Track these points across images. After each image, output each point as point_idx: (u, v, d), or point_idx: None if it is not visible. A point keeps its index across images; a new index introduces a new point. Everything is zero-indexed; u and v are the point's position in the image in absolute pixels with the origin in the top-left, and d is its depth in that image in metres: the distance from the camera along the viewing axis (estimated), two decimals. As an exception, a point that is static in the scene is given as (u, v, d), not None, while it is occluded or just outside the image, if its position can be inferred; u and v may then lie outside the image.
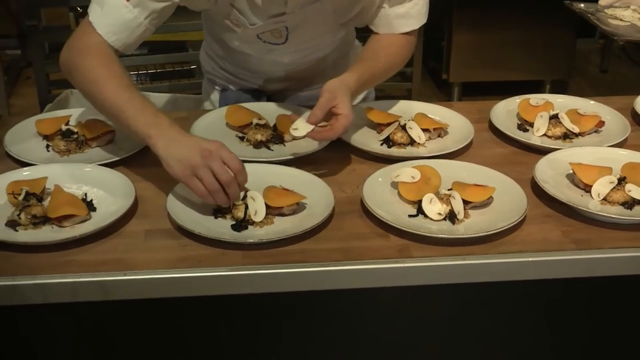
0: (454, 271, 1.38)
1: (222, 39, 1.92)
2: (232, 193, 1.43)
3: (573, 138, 1.79)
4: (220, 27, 1.85)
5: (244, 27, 1.77)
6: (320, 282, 1.36)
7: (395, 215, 1.47)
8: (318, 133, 1.62)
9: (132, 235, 1.43)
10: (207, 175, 1.41)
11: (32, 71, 3.99)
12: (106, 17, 1.61)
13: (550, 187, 1.54)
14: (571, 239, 1.44)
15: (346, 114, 1.59)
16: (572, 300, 1.50)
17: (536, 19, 4.17)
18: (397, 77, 4.19)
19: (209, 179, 1.41)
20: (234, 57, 1.97)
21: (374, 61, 1.78)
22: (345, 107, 1.60)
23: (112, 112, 1.56)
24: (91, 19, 1.62)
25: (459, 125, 1.82)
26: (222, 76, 2.07)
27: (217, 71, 2.08)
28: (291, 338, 1.48)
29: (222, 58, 2.02)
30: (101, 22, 1.61)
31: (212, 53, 2.07)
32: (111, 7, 1.60)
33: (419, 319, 1.49)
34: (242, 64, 1.97)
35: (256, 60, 1.92)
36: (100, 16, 1.62)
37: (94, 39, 1.62)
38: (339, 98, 1.60)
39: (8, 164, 1.66)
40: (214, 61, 2.07)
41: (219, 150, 1.43)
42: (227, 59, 2.01)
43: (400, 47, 1.83)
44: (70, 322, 1.41)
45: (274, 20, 1.75)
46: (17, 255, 1.36)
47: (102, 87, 1.55)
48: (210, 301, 1.38)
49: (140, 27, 1.64)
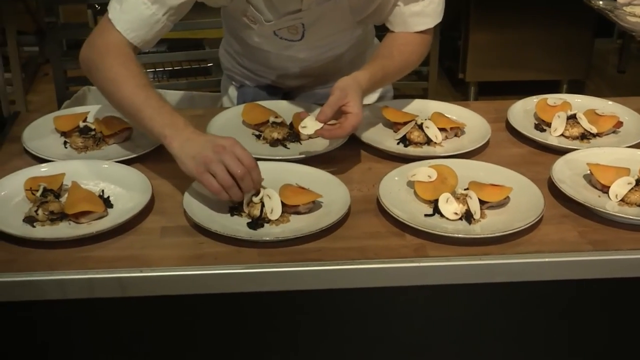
0: (470, 271, 1.38)
1: (240, 36, 1.93)
2: (246, 186, 1.44)
3: (591, 138, 1.78)
4: (238, 24, 1.86)
5: (260, 24, 1.77)
6: (336, 280, 1.36)
7: (412, 215, 1.47)
8: (327, 131, 1.62)
9: (149, 232, 1.44)
10: (221, 170, 1.41)
11: (50, 68, 4.01)
12: (125, 13, 1.63)
13: (567, 187, 1.54)
14: (588, 239, 1.43)
15: (356, 112, 1.59)
16: (588, 301, 1.50)
17: (554, 19, 4.16)
18: (413, 76, 4.19)
19: (222, 174, 1.41)
20: (251, 54, 1.98)
21: (388, 59, 1.78)
22: (355, 106, 1.59)
23: (129, 111, 1.57)
24: (110, 16, 1.64)
25: (476, 125, 1.82)
26: (240, 72, 2.08)
27: (236, 67, 2.08)
28: (306, 337, 1.49)
29: (240, 54, 2.03)
30: (120, 19, 1.63)
31: (230, 49, 2.08)
32: (130, 4, 1.62)
33: (435, 318, 1.48)
34: (259, 60, 1.98)
35: (273, 56, 1.92)
36: (119, 13, 1.63)
37: (113, 37, 1.63)
38: (350, 96, 1.59)
39: (26, 160, 1.66)
40: (233, 58, 2.08)
41: (232, 146, 1.44)
42: (245, 56, 2.02)
43: (415, 45, 1.83)
44: (85, 319, 1.42)
45: (290, 17, 1.75)
46: (35, 251, 1.37)
47: (120, 86, 1.56)
48: (225, 299, 1.39)
49: (159, 23, 1.65)
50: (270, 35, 1.82)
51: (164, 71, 3.81)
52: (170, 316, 1.43)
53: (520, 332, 1.52)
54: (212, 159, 1.42)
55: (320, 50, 1.90)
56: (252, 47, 1.93)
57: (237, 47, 2.02)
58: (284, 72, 1.99)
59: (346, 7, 1.77)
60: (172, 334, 1.45)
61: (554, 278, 1.41)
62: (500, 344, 1.54)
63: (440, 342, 1.52)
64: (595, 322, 1.53)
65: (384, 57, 1.78)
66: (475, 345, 1.53)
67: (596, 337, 1.56)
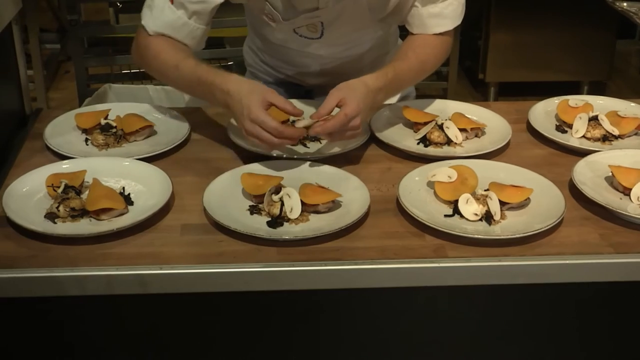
0: (490, 272, 1.38)
1: (262, 33, 1.94)
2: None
3: (612, 140, 1.77)
4: (259, 21, 1.87)
5: (279, 22, 1.78)
6: (355, 280, 1.36)
7: (431, 215, 1.47)
8: (319, 126, 1.57)
9: (169, 229, 1.44)
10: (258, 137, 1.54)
11: (71, 65, 4.04)
12: (155, 18, 1.71)
13: (588, 189, 1.53)
14: (609, 242, 1.42)
15: (347, 112, 1.56)
16: (605, 303, 1.49)
17: (575, 19, 4.13)
18: (433, 76, 4.15)
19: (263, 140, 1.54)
20: (273, 51, 1.99)
21: (401, 60, 1.78)
22: (348, 107, 1.56)
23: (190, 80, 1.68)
24: (143, 22, 1.73)
25: (497, 126, 1.81)
26: (263, 69, 2.09)
27: (258, 64, 2.10)
28: (325, 336, 1.48)
29: (263, 51, 2.05)
30: (151, 23, 1.71)
31: (253, 46, 2.09)
32: (158, 9, 1.70)
33: (453, 319, 1.48)
34: (280, 57, 1.99)
35: (294, 53, 1.93)
36: (150, 18, 1.72)
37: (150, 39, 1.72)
38: (348, 96, 1.58)
39: (48, 156, 1.68)
40: (255, 54, 2.09)
41: (257, 119, 1.53)
42: (267, 52, 2.04)
43: (433, 47, 1.82)
44: (104, 315, 1.43)
45: (308, 15, 1.76)
46: (55, 247, 1.38)
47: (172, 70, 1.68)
48: (244, 297, 1.39)
49: (187, 25, 1.71)
50: (290, 33, 1.83)
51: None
52: (189, 314, 1.43)
53: (538, 334, 1.52)
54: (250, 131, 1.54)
55: (340, 48, 1.91)
56: (273, 44, 1.94)
57: (259, 44, 2.04)
58: (304, 69, 1.99)
59: (365, 5, 1.77)
60: (190, 331, 1.45)
61: (575, 280, 1.40)
62: (519, 345, 1.53)
63: (458, 343, 1.51)
64: (612, 324, 1.52)
65: (397, 58, 1.78)
66: (493, 346, 1.52)
67: (615, 340, 1.55)
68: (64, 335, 1.45)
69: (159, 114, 1.84)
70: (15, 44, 1.87)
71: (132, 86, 3.01)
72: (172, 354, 1.48)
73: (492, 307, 1.48)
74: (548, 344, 1.53)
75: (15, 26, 1.85)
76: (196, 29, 1.73)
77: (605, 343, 1.54)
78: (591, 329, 1.52)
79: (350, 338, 1.48)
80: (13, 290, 1.33)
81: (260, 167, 1.59)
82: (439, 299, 1.45)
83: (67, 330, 1.44)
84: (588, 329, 1.52)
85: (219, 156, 1.70)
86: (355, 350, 1.50)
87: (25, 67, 1.95)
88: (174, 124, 1.80)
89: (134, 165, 1.61)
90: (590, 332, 1.53)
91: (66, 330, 1.44)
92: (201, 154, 1.72)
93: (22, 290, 1.33)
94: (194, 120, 1.83)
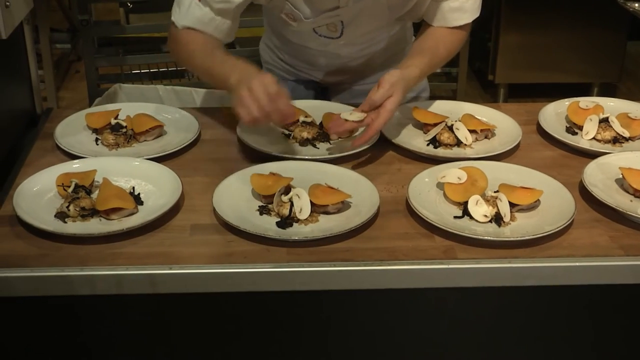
0: (500, 274, 1.37)
1: (280, 32, 1.97)
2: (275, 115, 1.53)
3: (623, 142, 1.76)
4: (279, 21, 1.88)
5: (300, 21, 1.79)
6: (365, 281, 1.36)
7: (441, 216, 1.46)
8: (357, 140, 1.65)
9: (179, 229, 1.44)
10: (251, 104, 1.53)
11: (82, 65, 4.05)
12: (183, 15, 1.74)
13: (599, 191, 1.52)
14: (619, 244, 1.42)
15: (390, 109, 1.61)
16: (616, 305, 1.48)
17: (586, 20, 4.12)
18: (443, 77, 4.17)
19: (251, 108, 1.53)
20: (291, 49, 2.01)
21: (434, 55, 1.80)
22: (393, 104, 1.62)
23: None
24: (172, 18, 1.77)
25: (507, 127, 1.81)
26: (280, 67, 2.11)
27: (276, 62, 2.12)
28: (334, 337, 1.48)
29: (280, 49, 2.07)
30: (179, 19, 1.75)
31: (270, 44, 2.11)
32: (185, 6, 1.74)
33: (463, 321, 1.48)
34: (299, 55, 2.01)
35: (312, 52, 1.95)
36: (178, 14, 1.76)
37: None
38: (395, 93, 1.62)
39: (58, 156, 1.68)
40: (273, 52, 2.12)
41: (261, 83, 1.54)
42: (285, 51, 2.06)
43: (453, 40, 1.85)
44: (114, 314, 1.43)
45: (328, 14, 1.77)
46: (66, 246, 1.38)
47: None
48: (254, 297, 1.39)
49: (214, 21, 1.73)
50: (309, 32, 1.85)
51: (195, 69, 3.83)
52: (198, 314, 1.44)
53: (548, 336, 1.51)
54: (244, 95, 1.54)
55: (359, 47, 1.92)
56: (291, 43, 1.96)
57: (277, 42, 2.06)
58: (322, 68, 2.01)
59: (384, 3, 1.78)
60: (199, 331, 1.45)
61: (585, 282, 1.39)
62: (529, 348, 1.53)
63: (468, 344, 1.51)
64: (624, 327, 1.52)
65: (431, 53, 1.80)
66: (503, 348, 1.52)
67: (624, 342, 1.54)
68: (74, 335, 1.45)
69: (169, 114, 1.85)
70: (27, 43, 1.88)
71: (143, 86, 3.01)
72: (181, 353, 1.48)
73: (502, 309, 1.48)
74: (558, 347, 1.52)
75: (27, 26, 1.86)
76: (223, 24, 1.75)
77: (617, 345, 1.54)
78: (603, 331, 1.52)
79: (360, 339, 1.48)
80: (23, 289, 1.33)
81: (270, 167, 1.59)
82: (449, 301, 1.45)
83: (77, 329, 1.44)
84: (599, 332, 1.52)
85: (229, 156, 1.71)
86: (365, 351, 1.50)
87: (36, 66, 1.95)
88: (184, 124, 1.81)
89: (144, 165, 1.62)
90: (602, 335, 1.52)
91: (76, 330, 1.44)
92: (211, 154, 1.72)
93: (32, 289, 1.34)
94: (204, 121, 1.83)
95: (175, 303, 1.40)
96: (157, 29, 3.70)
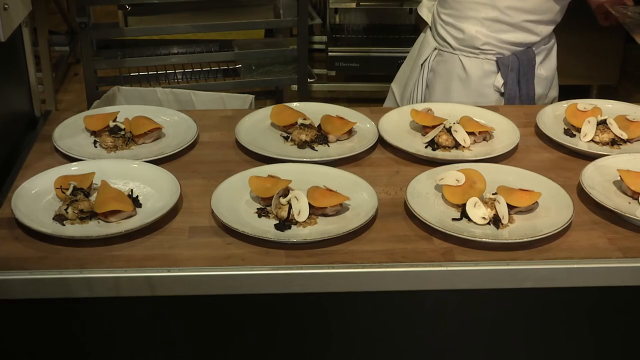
0: (498, 276, 1.38)
1: None
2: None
3: (621, 144, 1.76)
4: None
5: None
6: (363, 283, 1.36)
7: (439, 219, 1.47)
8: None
9: (177, 232, 1.44)
10: None
11: (80, 67, 4.05)
12: None
13: (597, 193, 1.52)
14: (618, 246, 1.42)
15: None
16: (615, 307, 1.48)
17: (584, 23, 4.11)
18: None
19: None
20: None
21: None
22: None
23: None
24: None
25: (505, 129, 1.81)
26: None
27: None
28: (333, 339, 1.48)
29: None
30: None
31: None
32: None
33: (461, 322, 1.48)
34: None
35: None
36: None
37: None
38: None
39: (57, 158, 1.68)
40: None
41: None
42: None
43: None
44: (114, 317, 1.43)
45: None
46: (64, 249, 1.38)
47: None
48: (253, 300, 1.39)
49: None
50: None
51: (193, 72, 3.83)
52: (196, 316, 1.44)
53: (547, 338, 1.51)
54: None
55: None
56: None
57: None
58: None
59: None
60: (198, 334, 1.45)
61: (583, 285, 1.39)
62: (526, 350, 1.53)
63: (467, 347, 1.51)
64: (622, 329, 1.52)
65: None
66: (502, 349, 1.52)
67: (622, 344, 1.54)
68: (72, 337, 1.45)
69: (168, 117, 1.85)
70: (25, 46, 1.88)
71: (141, 89, 3.01)
72: (180, 356, 1.48)
73: (501, 311, 1.48)
74: (557, 348, 1.52)
75: (25, 28, 1.86)
76: None
77: (616, 347, 1.54)
78: (601, 333, 1.52)
79: (359, 341, 1.48)
80: (22, 291, 1.33)
81: (268, 170, 1.59)
82: (447, 303, 1.45)
83: (76, 331, 1.44)
84: (598, 334, 1.52)
85: (227, 159, 1.71)
86: (364, 353, 1.50)
87: (35, 69, 1.95)
88: (182, 127, 1.81)
89: (142, 167, 1.62)
90: (600, 337, 1.52)
91: (75, 332, 1.44)
92: (209, 156, 1.72)
93: (31, 291, 1.34)
94: (202, 123, 1.83)
95: (174, 305, 1.40)
96: (156, 31, 3.71)
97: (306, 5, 3.53)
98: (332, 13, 4.38)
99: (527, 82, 2.16)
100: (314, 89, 4.36)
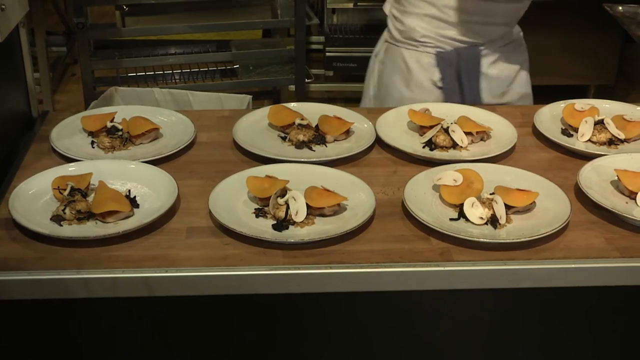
0: (496, 276, 1.38)
1: None
2: None
3: (618, 144, 1.76)
4: None
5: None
6: (361, 283, 1.37)
7: (437, 219, 1.47)
8: None
9: (175, 232, 1.44)
10: None
11: (78, 68, 4.05)
12: None
13: (594, 193, 1.53)
14: (615, 246, 1.42)
15: None
16: (612, 307, 1.49)
17: (581, 23, 4.13)
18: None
19: None
20: None
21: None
22: None
23: None
24: None
25: (503, 129, 1.81)
26: None
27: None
28: (331, 339, 1.49)
29: None
30: None
31: None
32: None
33: (459, 323, 1.48)
34: None
35: None
36: None
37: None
38: None
39: (54, 159, 1.68)
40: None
41: None
42: None
43: None
44: (111, 318, 1.43)
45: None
46: (62, 249, 1.38)
47: None
48: (250, 300, 1.39)
49: None
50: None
51: (191, 72, 3.83)
52: (194, 317, 1.44)
53: (545, 337, 1.51)
54: None
55: None
56: None
57: None
58: None
59: None
60: (195, 334, 1.45)
61: (581, 284, 1.40)
62: (524, 350, 1.53)
63: (465, 347, 1.51)
64: (620, 328, 1.52)
65: None
66: (499, 350, 1.52)
67: (620, 343, 1.54)
68: (70, 338, 1.45)
69: (165, 117, 1.85)
70: (22, 46, 1.88)
71: (139, 89, 3.01)
72: (177, 356, 1.48)
73: (498, 311, 1.48)
74: (555, 348, 1.52)
75: (22, 29, 1.86)
76: None
77: (614, 347, 1.54)
78: (599, 333, 1.52)
79: (357, 341, 1.48)
80: (19, 292, 1.33)
81: (266, 170, 1.59)
82: (445, 303, 1.45)
83: (74, 332, 1.44)
84: (596, 334, 1.52)
85: (225, 159, 1.71)
86: (362, 353, 1.50)
87: (32, 69, 1.95)
88: (180, 127, 1.81)
89: (140, 168, 1.61)
90: (599, 337, 1.52)
91: (72, 333, 1.44)
92: (207, 157, 1.72)
93: (29, 292, 1.34)
94: (200, 123, 1.83)
95: (172, 306, 1.40)
96: (153, 32, 3.71)
97: (304, 6, 3.54)
98: (330, 13, 4.38)
99: (469, 79, 2.16)
100: (312, 89, 4.36)
